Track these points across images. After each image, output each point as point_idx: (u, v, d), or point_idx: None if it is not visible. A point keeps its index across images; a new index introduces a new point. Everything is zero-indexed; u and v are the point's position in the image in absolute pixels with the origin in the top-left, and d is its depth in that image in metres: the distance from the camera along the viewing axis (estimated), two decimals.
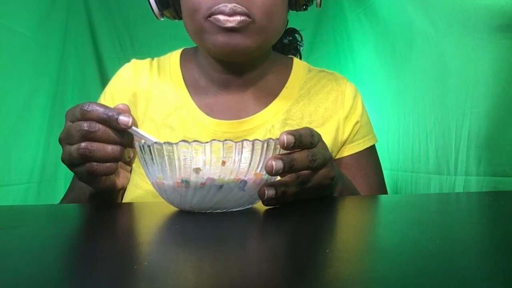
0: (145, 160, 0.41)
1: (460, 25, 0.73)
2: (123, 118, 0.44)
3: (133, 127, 0.45)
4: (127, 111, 0.46)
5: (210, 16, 0.55)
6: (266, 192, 0.40)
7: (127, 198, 0.65)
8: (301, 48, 0.78)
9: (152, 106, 0.65)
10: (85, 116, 0.44)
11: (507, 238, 0.29)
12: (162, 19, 0.66)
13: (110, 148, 0.44)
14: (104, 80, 1.32)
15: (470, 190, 0.74)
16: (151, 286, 0.20)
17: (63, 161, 0.47)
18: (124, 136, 0.45)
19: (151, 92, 0.66)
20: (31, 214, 0.47)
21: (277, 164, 0.39)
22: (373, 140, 0.70)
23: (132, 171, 0.66)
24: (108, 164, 0.45)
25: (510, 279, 0.21)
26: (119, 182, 0.51)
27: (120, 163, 0.51)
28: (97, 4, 1.32)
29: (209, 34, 0.56)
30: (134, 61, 0.69)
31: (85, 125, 0.43)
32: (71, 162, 0.45)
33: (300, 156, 0.42)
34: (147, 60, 0.69)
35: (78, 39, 1.30)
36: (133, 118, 0.45)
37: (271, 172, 0.39)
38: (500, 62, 0.66)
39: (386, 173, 0.74)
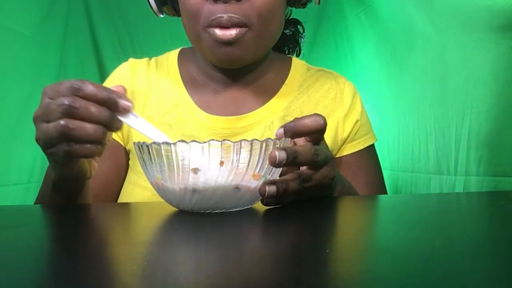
0: (143, 160, 0.40)
1: (460, 25, 0.73)
2: (123, 102, 0.41)
3: (132, 112, 0.42)
4: (123, 94, 0.43)
5: (208, 26, 0.55)
6: (266, 189, 0.39)
7: (124, 196, 0.64)
8: (302, 40, 0.78)
9: (149, 104, 0.65)
10: (78, 93, 0.40)
11: (507, 238, 0.29)
12: (162, 15, 0.67)
13: (92, 128, 0.40)
14: (104, 80, 1.32)
15: (470, 190, 0.74)
16: (151, 286, 0.20)
17: (37, 141, 0.42)
18: (108, 117, 0.41)
19: (148, 91, 0.66)
20: (31, 214, 0.47)
21: (280, 154, 0.39)
22: (373, 139, 0.70)
23: (129, 169, 0.66)
24: (88, 145, 0.41)
25: (510, 279, 0.21)
26: (89, 171, 0.46)
27: None
28: (97, 4, 1.32)
29: (206, 44, 0.57)
30: (131, 60, 0.69)
31: (67, 101, 0.39)
32: (46, 142, 0.41)
33: (304, 149, 0.42)
34: (145, 60, 0.69)
35: (78, 39, 1.30)
36: (132, 102, 0.42)
37: (274, 163, 0.39)
38: (500, 62, 0.66)
39: (386, 173, 0.74)
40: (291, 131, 0.43)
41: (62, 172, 0.45)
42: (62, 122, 0.39)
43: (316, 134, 0.44)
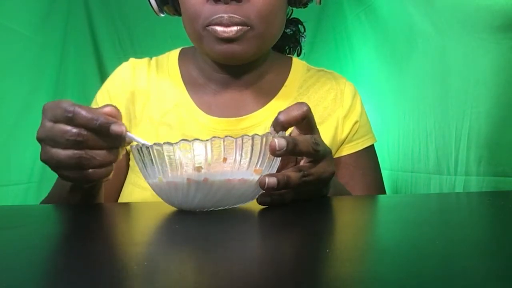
0: (143, 162, 0.40)
1: (460, 25, 0.73)
2: (115, 129, 0.42)
3: (128, 133, 0.43)
4: (115, 115, 0.44)
5: (208, 25, 0.55)
6: (266, 180, 0.39)
7: (124, 197, 0.64)
8: (303, 39, 0.78)
9: (150, 104, 0.65)
10: (72, 123, 0.41)
11: (507, 238, 0.29)
12: (162, 15, 0.66)
13: (106, 153, 0.43)
14: (104, 80, 1.31)
15: (470, 190, 0.74)
16: (151, 286, 0.20)
17: (44, 161, 0.44)
18: (114, 139, 0.43)
19: (149, 91, 0.66)
20: (31, 214, 0.47)
21: (279, 141, 0.38)
22: (372, 139, 0.70)
23: (130, 170, 0.66)
24: (101, 170, 0.43)
25: (510, 279, 0.21)
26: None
27: None
28: (97, 4, 1.32)
29: (207, 42, 0.57)
30: (132, 60, 0.69)
31: (73, 132, 0.41)
32: (59, 165, 0.43)
33: (304, 138, 0.42)
34: (146, 59, 0.69)
35: (78, 39, 1.30)
36: (124, 124, 0.43)
37: (274, 151, 0.38)
38: (500, 62, 0.66)
39: (386, 173, 0.74)
40: (279, 123, 0.43)
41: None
42: (77, 153, 0.42)
43: (304, 122, 0.44)
